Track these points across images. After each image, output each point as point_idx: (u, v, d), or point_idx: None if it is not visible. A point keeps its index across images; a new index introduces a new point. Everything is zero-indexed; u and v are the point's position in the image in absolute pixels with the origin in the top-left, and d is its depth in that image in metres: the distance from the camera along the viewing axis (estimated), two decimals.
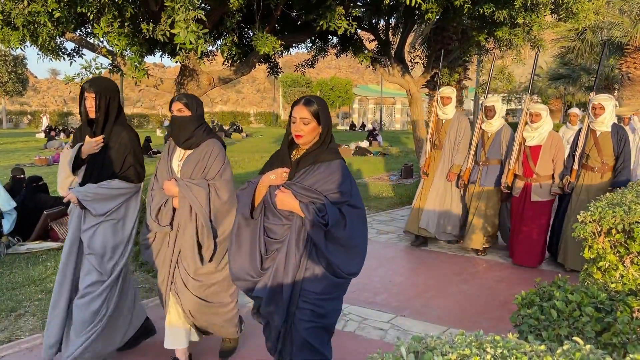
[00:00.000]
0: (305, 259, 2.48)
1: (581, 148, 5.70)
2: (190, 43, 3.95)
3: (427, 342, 1.31)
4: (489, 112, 6.30)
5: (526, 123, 5.92)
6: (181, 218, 3.30)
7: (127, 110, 47.08)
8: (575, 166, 5.73)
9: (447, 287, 5.29)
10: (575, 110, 9.08)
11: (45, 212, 6.60)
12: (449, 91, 6.58)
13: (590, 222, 2.85)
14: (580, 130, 5.82)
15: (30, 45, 5.71)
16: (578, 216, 2.98)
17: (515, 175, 6.04)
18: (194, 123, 3.33)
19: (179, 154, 3.41)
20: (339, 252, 2.48)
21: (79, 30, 6.65)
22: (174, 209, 3.33)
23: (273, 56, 8.41)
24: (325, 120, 2.56)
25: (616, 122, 6.87)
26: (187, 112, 3.31)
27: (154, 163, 16.58)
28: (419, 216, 6.78)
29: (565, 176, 5.78)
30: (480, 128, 6.44)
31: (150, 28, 4.55)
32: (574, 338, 1.29)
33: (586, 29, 16.53)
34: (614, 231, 2.74)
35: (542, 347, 1.20)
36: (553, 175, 5.91)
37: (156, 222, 3.35)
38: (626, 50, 16.07)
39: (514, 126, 7.41)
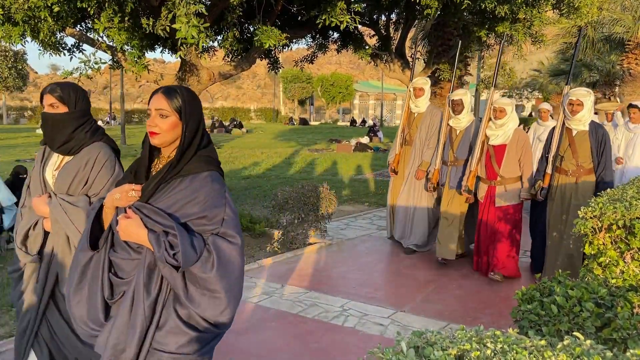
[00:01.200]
0: (160, 306, 1.89)
1: (555, 149, 5.04)
2: (192, 37, 3.94)
3: (428, 337, 1.31)
4: (457, 107, 5.63)
5: (490, 119, 5.27)
6: (57, 247, 2.55)
7: (127, 106, 47.08)
8: (549, 169, 5.05)
9: (448, 282, 5.30)
10: (545, 106, 8.66)
11: None
12: (422, 82, 6.06)
13: (590, 217, 2.85)
14: (554, 128, 5.18)
15: (31, 41, 5.70)
16: (579, 212, 2.98)
17: (479, 178, 5.46)
18: (72, 122, 2.58)
19: (55, 161, 2.66)
20: (203, 298, 1.86)
21: (79, 26, 6.65)
22: (46, 234, 2.58)
23: (274, 51, 8.40)
24: (191, 115, 1.94)
25: (595, 119, 6.48)
26: (62, 108, 2.58)
27: None
28: (394, 220, 6.39)
29: (537, 181, 5.16)
30: (448, 125, 5.81)
31: (151, 23, 4.54)
32: (574, 333, 1.29)
33: (588, 25, 16.48)
34: (614, 227, 2.74)
35: (543, 342, 1.20)
36: (521, 178, 5.30)
37: (23, 250, 2.62)
38: (627, 47, 16.03)
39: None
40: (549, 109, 8.68)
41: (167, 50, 7.04)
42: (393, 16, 10.18)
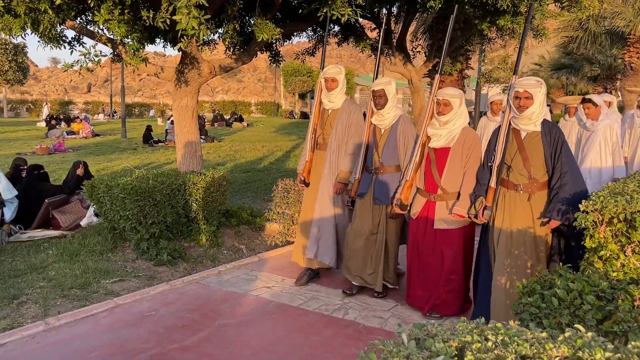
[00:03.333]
0: None
1: (500, 156, 3.82)
2: (193, 29, 3.93)
3: (429, 329, 1.31)
4: (378, 99, 4.45)
5: (432, 116, 4.15)
6: None
7: (128, 100, 47.00)
8: (493, 183, 3.83)
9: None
10: (497, 97, 7.45)
11: (46, 200, 6.61)
12: (334, 71, 4.77)
13: (591, 211, 2.85)
14: (498, 129, 3.92)
15: (31, 33, 5.68)
16: (580, 205, 2.98)
17: (417, 190, 4.30)
18: None
19: None
20: None
21: (79, 18, 6.62)
22: None
23: (275, 45, 8.37)
24: None
25: (548, 117, 6.12)
26: None
27: (155, 152, 16.63)
28: (304, 241, 5.00)
29: (479, 197, 3.93)
30: (371, 122, 4.65)
31: (151, 15, 4.52)
32: (575, 326, 1.29)
33: (589, 19, 16.43)
34: (615, 220, 2.74)
35: (544, 335, 1.20)
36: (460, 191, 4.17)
37: None
38: (629, 40, 15.97)
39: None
40: (504, 100, 7.44)
41: (167, 43, 7.02)
42: (394, 9, 10.14)
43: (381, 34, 5.30)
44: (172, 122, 19.79)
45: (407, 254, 4.40)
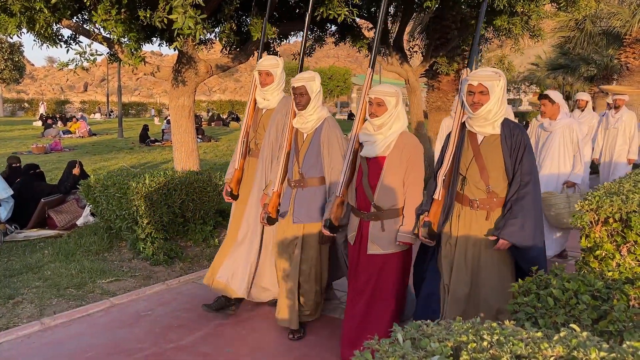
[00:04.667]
0: None
1: (448, 164, 3.17)
2: (189, 28, 3.92)
3: (424, 329, 1.32)
4: (299, 98, 3.68)
5: (365, 119, 3.43)
6: None
7: (124, 99, 46.90)
8: (437, 195, 3.16)
9: None
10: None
11: (42, 200, 6.60)
12: (270, 63, 4.03)
13: (587, 211, 2.86)
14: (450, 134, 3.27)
15: (27, 32, 5.67)
16: (575, 205, 2.99)
17: (351, 208, 3.53)
18: None
19: None
20: None
21: (75, 17, 6.60)
22: None
23: (272, 44, 8.37)
24: None
25: (511, 117, 5.76)
26: None
27: (152, 152, 16.60)
28: (220, 262, 4.21)
29: (422, 213, 3.23)
30: (292, 126, 3.87)
31: (148, 15, 4.52)
32: (570, 325, 1.30)
33: (585, 19, 16.48)
34: (611, 220, 2.75)
35: (539, 334, 1.20)
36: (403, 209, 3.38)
37: None
38: (625, 41, 16.02)
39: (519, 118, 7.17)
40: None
41: (164, 42, 7.01)
42: (391, 9, 10.15)
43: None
44: (168, 122, 19.77)
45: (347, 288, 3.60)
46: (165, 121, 23.22)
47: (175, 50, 5.74)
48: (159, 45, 7.26)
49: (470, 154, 3.13)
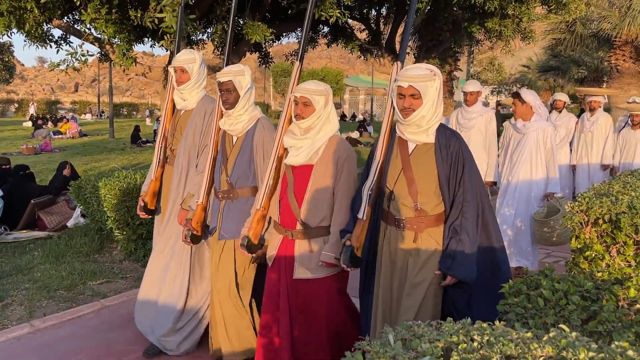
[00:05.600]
0: None
1: (373, 175, 2.70)
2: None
3: (415, 330, 1.32)
4: (226, 95, 3.18)
5: (290, 120, 2.97)
6: None
7: (116, 99, 46.70)
8: (362, 214, 2.69)
9: None
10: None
11: (32, 201, 6.55)
12: (185, 58, 3.50)
13: (577, 212, 2.88)
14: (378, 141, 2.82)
15: (17, 32, 5.63)
16: (566, 206, 3.01)
17: (273, 224, 3.03)
18: None
19: None
20: None
21: (66, 17, 6.57)
22: None
23: (265, 45, 8.37)
24: None
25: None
26: None
27: (143, 153, 16.51)
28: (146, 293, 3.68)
29: (345, 234, 2.75)
30: (219, 128, 3.35)
31: (139, 15, 4.50)
32: (560, 326, 1.31)
33: (576, 21, 16.61)
34: (600, 221, 2.77)
35: (529, 335, 1.21)
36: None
37: None
38: (615, 43, 16.15)
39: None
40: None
41: (156, 42, 6.99)
42: (383, 10, 10.18)
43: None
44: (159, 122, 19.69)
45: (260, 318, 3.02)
46: (157, 121, 23.16)
47: (165, 50, 5.72)
48: (150, 46, 7.24)
49: (398, 165, 2.66)
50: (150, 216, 3.69)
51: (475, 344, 1.18)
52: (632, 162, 7.20)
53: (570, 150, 7.92)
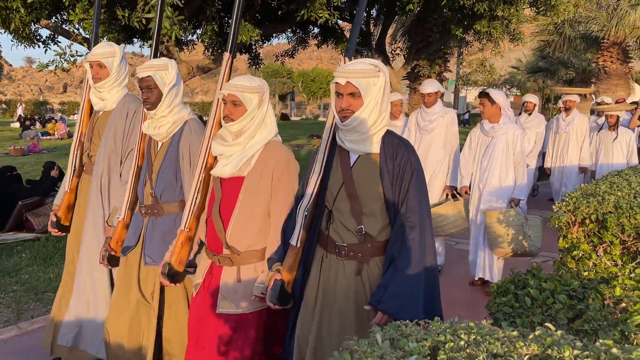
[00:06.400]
0: None
1: (313, 192, 2.25)
2: (165, 29, 3.90)
3: (403, 329, 1.32)
4: (147, 93, 2.74)
5: (220, 123, 2.52)
6: None
7: None
8: (295, 240, 2.26)
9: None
10: (394, 98, 5.45)
11: (20, 202, 6.49)
12: (102, 52, 3.12)
13: (565, 212, 2.90)
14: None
15: (4, 32, 5.59)
16: (553, 207, 3.04)
17: (203, 246, 2.60)
18: None
19: None
20: None
21: (54, 17, 6.52)
22: None
23: (254, 46, 8.36)
24: None
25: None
26: None
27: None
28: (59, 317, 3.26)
29: (274, 265, 2.34)
30: (142, 132, 2.89)
31: (126, 15, 4.48)
32: (545, 324, 1.32)
33: (564, 23, 16.76)
34: (587, 221, 2.80)
35: (515, 333, 1.22)
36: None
37: None
38: (603, 45, 16.32)
39: None
40: (403, 99, 5.81)
41: (145, 43, 6.96)
42: (373, 12, 10.21)
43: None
44: None
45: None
46: None
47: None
48: (140, 46, 7.20)
49: (338, 180, 2.21)
50: (63, 233, 3.24)
51: (462, 342, 1.19)
52: (610, 163, 6.96)
53: (543, 154, 7.68)
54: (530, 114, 7.31)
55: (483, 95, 4.79)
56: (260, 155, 2.43)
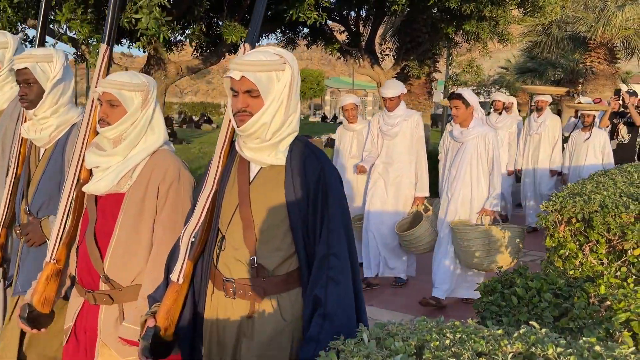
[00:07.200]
0: None
1: (201, 213, 1.81)
2: (153, 29, 3.89)
3: (389, 329, 1.33)
4: (24, 89, 2.32)
5: (96, 131, 2.08)
6: None
7: None
8: (176, 275, 1.78)
9: (417, 276, 5.35)
10: (349, 101, 5.43)
11: None
12: None
13: (552, 211, 2.93)
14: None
15: None
16: (541, 206, 3.07)
17: (74, 282, 2.12)
18: None
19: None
20: None
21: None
22: None
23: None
24: None
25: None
26: None
27: None
28: None
29: (152, 305, 1.90)
30: (20, 137, 2.48)
31: None
32: (530, 322, 1.33)
33: (552, 24, 16.91)
34: (574, 220, 2.83)
35: (500, 332, 1.23)
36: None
37: None
38: (590, 45, 16.47)
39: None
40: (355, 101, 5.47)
41: (133, 43, 6.93)
42: (363, 12, 10.25)
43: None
44: None
45: None
46: None
47: (143, 51, 5.68)
48: (128, 47, 7.17)
49: (234, 199, 1.77)
50: None
51: (448, 341, 1.20)
52: (583, 165, 6.60)
53: (515, 156, 7.32)
54: (500, 114, 7.05)
55: (455, 96, 4.31)
56: (145, 166, 2.01)
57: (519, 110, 8.65)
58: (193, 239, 1.79)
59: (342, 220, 1.72)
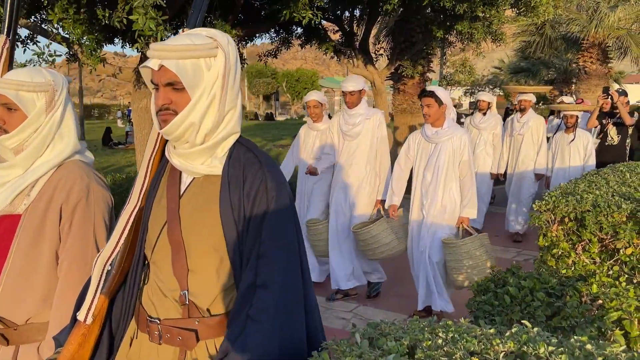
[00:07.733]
0: None
1: (121, 235, 1.45)
2: (150, 30, 3.87)
3: (382, 329, 1.33)
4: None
5: None
6: None
7: (87, 101, 45.98)
8: (83, 314, 1.43)
9: (411, 276, 5.36)
10: (312, 97, 5.14)
11: None
12: None
13: (544, 210, 2.94)
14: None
15: None
16: (534, 205, 3.08)
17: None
18: None
19: None
20: None
21: (33, 17, 6.43)
22: None
23: (238, 46, 8.35)
24: None
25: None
26: None
27: (115, 155, 16.26)
28: None
29: (57, 350, 1.52)
30: None
31: (107, 14, 4.44)
32: (522, 321, 1.33)
33: (545, 24, 16.98)
34: (566, 219, 2.84)
35: (492, 331, 1.23)
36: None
37: None
38: (583, 45, 16.55)
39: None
40: (319, 99, 5.17)
41: (126, 43, 6.89)
42: (356, 12, 10.25)
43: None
44: (132, 124, 19.46)
45: None
46: (129, 123, 22.86)
47: (137, 52, 5.65)
48: (121, 46, 7.14)
49: (161, 216, 1.44)
50: None
51: (440, 341, 1.20)
52: (566, 168, 6.41)
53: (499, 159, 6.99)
54: (484, 114, 6.79)
55: (428, 94, 4.06)
56: (47, 182, 1.68)
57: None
58: (109, 267, 1.44)
59: (281, 241, 1.36)
